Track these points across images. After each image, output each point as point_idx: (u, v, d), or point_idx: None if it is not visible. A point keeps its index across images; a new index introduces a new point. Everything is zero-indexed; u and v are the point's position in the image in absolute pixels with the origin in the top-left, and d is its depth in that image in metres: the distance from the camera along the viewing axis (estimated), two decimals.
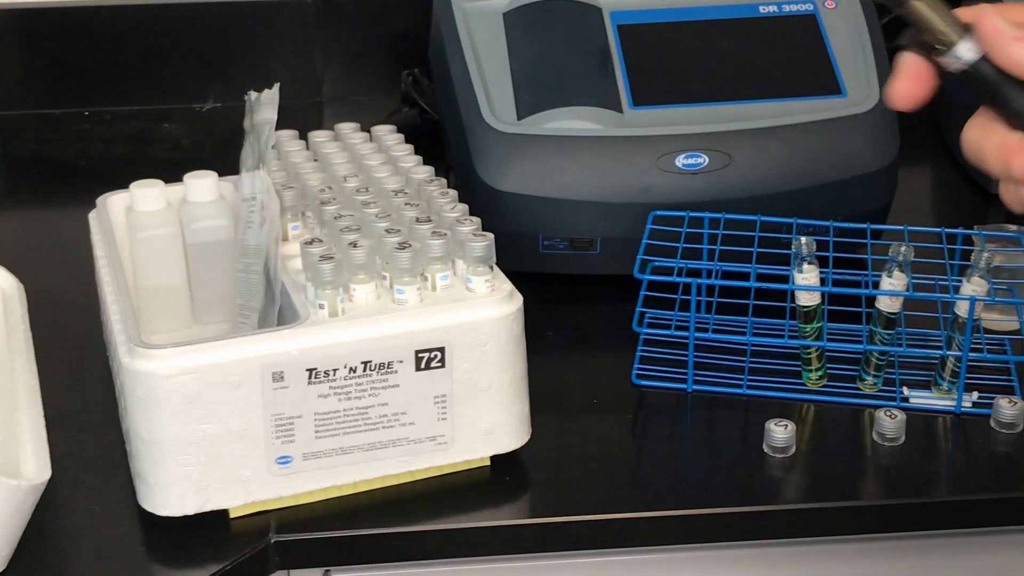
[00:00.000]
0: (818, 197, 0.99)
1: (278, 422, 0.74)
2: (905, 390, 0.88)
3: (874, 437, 0.84)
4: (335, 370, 0.74)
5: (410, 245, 0.77)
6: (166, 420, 0.73)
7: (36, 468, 0.76)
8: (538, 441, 0.82)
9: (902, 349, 0.88)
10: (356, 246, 0.77)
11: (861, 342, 0.89)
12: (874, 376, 0.88)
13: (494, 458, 0.81)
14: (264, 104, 0.82)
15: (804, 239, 0.86)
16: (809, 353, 0.88)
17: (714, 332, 0.91)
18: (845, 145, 1.00)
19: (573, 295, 1.01)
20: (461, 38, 1.05)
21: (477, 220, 0.81)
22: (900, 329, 0.89)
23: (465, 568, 0.81)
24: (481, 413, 0.78)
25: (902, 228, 0.93)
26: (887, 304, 0.86)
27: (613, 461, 0.83)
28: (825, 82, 1.03)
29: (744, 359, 0.91)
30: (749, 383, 0.89)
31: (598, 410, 0.88)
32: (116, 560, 0.75)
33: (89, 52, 1.35)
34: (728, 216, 0.95)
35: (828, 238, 0.93)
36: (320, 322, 0.75)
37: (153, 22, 1.35)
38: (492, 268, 0.79)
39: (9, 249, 1.10)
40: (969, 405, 0.86)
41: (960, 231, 0.93)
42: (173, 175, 0.89)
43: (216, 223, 0.87)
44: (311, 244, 0.77)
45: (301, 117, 1.28)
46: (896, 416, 0.83)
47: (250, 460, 0.75)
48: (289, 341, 0.74)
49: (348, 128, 0.98)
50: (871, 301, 0.87)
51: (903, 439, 0.83)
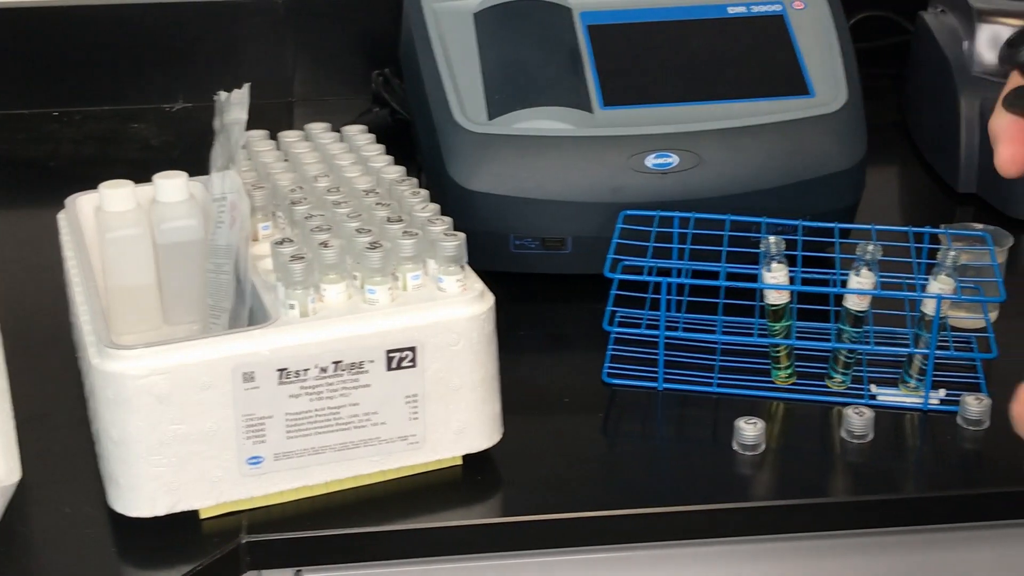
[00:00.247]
0: (787, 196, 0.99)
1: (249, 422, 0.74)
2: (873, 388, 0.89)
3: (842, 434, 0.84)
4: (306, 370, 0.74)
5: (381, 245, 0.77)
6: (136, 421, 0.72)
7: (6, 470, 0.76)
8: (510, 440, 0.82)
9: (870, 347, 0.89)
10: (327, 246, 0.77)
11: (829, 340, 0.90)
12: (842, 374, 0.89)
13: (466, 457, 0.81)
14: (234, 104, 0.82)
15: (773, 238, 0.86)
16: (778, 351, 0.89)
17: (684, 331, 0.92)
18: (813, 145, 1.01)
19: (544, 294, 1.01)
20: (432, 38, 1.05)
21: (448, 220, 0.81)
22: (868, 327, 0.90)
23: (437, 567, 0.81)
24: (453, 413, 0.79)
25: (870, 227, 0.94)
26: (855, 302, 0.87)
27: (584, 460, 0.83)
28: (793, 82, 1.04)
29: (714, 357, 0.91)
30: (719, 381, 0.89)
31: (569, 409, 0.88)
32: (87, 561, 0.75)
33: (58, 52, 1.34)
34: (698, 216, 0.95)
35: (797, 237, 0.94)
36: (291, 322, 0.75)
37: (123, 22, 1.34)
38: (463, 268, 0.79)
39: None
40: (936, 402, 0.87)
41: (927, 230, 0.94)
42: (143, 175, 0.89)
43: (186, 223, 0.87)
44: (282, 244, 0.77)
45: (272, 117, 1.27)
46: (864, 413, 0.84)
47: (221, 461, 0.75)
48: (260, 341, 0.74)
49: (319, 128, 0.97)
50: (839, 299, 0.88)
51: (871, 436, 0.84)
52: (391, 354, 0.76)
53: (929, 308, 0.86)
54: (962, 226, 1.00)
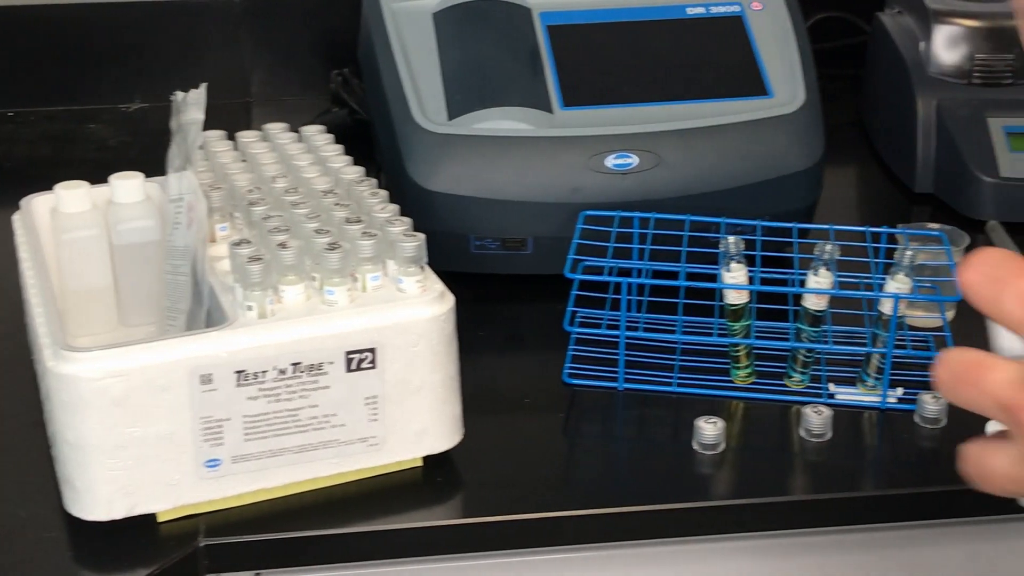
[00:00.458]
0: (746, 197, 1.00)
1: (206, 425, 0.74)
2: (831, 387, 0.89)
3: (801, 433, 0.85)
4: (264, 372, 0.74)
5: (340, 246, 0.76)
6: (92, 424, 0.72)
7: None
8: (470, 441, 0.82)
9: (828, 346, 0.89)
10: (285, 247, 0.76)
11: (788, 340, 0.90)
12: (801, 373, 0.89)
13: (426, 459, 0.81)
14: (191, 104, 0.81)
15: (732, 238, 0.87)
16: (738, 351, 0.89)
17: (645, 331, 0.92)
18: (772, 145, 1.01)
19: (505, 295, 1.01)
20: (391, 38, 1.05)
21: (408, 220, 0.81)
22: (826, 327, 0.90)
23: (398, 569, 0.81)
24: (413, 414, 0.78)
25: (828, 227, 0.94)
26: (813, 302, 0.87)
27: (545, 460, 0.83)
28: (752, 83, 1.05)
29: (674, 357, 0.92)
30: (679, 381, 0.90)
31: (530, 409, 0.88)
32: (43, 565, 0.74)
33: (13, 52, 1.33)
34: (658, 216, 0.95)
35: (756, 237, 0.94)
36: (249, 324, 0.74)
37: (79, 21, 1.33)
38: (423, 268, 0.79)
39: None
40: (894, 401, 0.88)
41: (884, 230, 0.95)
42: (99, 176, 0.88)
43: (142, 224, 0.86)
44: (239, 245, 0.76)
45: (229, 117, 1.27)
46: (823, 412, 0.84)
47: (178, 463, 0.74)
48: (217, 343, 0.73)
49: (277, 128, 0.97)
50: (798, 299, 0.88)
51: (830, 435, 0.84)
52: (350, 355, 0.76)
53: (887, 307, 0.86)
54: (919, 226, 1.01)
